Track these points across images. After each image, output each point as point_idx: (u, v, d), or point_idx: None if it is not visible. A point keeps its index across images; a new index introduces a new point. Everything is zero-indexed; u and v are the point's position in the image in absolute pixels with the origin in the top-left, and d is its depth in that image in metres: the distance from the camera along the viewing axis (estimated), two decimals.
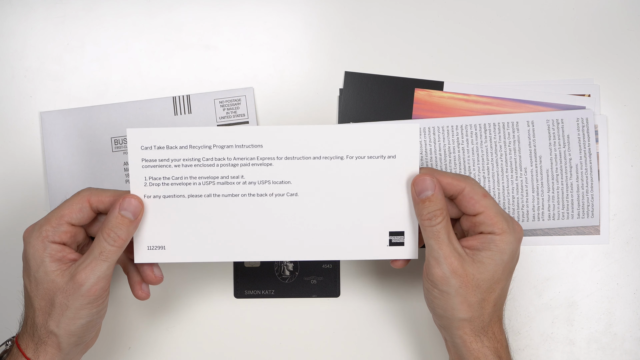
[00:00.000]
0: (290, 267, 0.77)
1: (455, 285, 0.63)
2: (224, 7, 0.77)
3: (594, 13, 0.76)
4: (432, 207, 0.64)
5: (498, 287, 0.64)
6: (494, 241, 0.64)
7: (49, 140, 0.75)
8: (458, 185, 0.64)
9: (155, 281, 0.67)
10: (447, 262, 0.63)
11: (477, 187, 0.65)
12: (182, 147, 0.64)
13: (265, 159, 0.65)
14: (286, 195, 0.65)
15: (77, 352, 0.65)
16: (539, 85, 0.76)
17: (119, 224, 0.63)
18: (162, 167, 0.65)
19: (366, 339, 0.76)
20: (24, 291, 0.65)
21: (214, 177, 0.65)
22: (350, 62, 0.76)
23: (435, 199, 0.64)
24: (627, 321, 0.76)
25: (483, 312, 0.64)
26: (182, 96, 0.76)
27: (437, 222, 0.63)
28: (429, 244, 0.64)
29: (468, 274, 0.63)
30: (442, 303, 0.64)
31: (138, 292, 0.68)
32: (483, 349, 0.64)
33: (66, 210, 0.63)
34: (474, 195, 0.64)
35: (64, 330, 0.62)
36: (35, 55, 0.76)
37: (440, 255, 0.63)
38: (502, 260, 0.64)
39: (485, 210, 0.64)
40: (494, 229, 0.64)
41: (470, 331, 0.64)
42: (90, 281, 0.62)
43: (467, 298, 0.63)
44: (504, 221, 0.64)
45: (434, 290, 0.64)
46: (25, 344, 0.63)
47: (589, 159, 0.75)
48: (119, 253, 0.63)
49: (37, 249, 0.63)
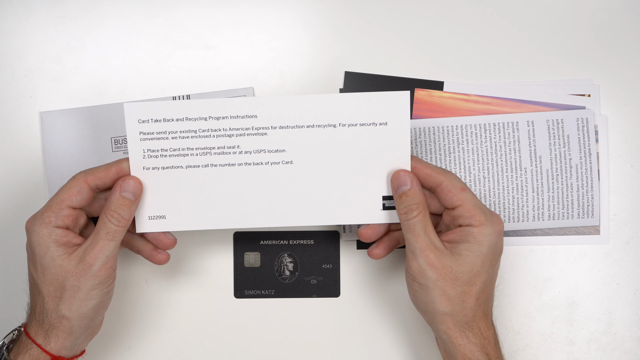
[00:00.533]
0: (290, 267, 0.77)
1: (432, 277, 0.64)
2: (224, 7, 0.77)
3: (594, 13, 0.76)
4: (408, 202, 0.65)
5: (479, 280, 0.65)
6: (472, 233, 0.65)
7: (49, 140, 0.75)
8: (437, 177, 0.66)
9: (170, 244, 0.69)
10: (423, 254, 0.64)
11: (456, 180, 0.66)
12: (178, 120, 0.66)
13: (260, 128, 0.66)
14: (281, 163, 0.67)
15: (85, 338, 0.67)
16: (539, 85, 0.76)
17: (121, 204, 0.65)
18: (159, 140, 0.66)
19: (366, 339, 0.76)
20: (30, 280, 0.66)
21: (211, 147, 0.67)
22: (350, 62, 0.76)
23: (411, 193, 0.65)
24: (627, 321, 0.76)
25: (465, 306, 0.65)
26: (182, 96, 0.76)
27: (412, 215, 0.65)
28: (406, 237, 0.65)
29: (445, 266, 0.64)
30: (422, 297, 0.65)
31: (157, 257, 0.69)
32: (469, 345, 0.65)
33: (65, 195, 0.65)
34: (452, 188, 0.65)
35: (76, 312, 0.64)
36: (35, 55, 0.76)
37: (416, 248, 0.64)
38: (480, 252, 0.64)
39: (462, 203, 0.65)
40: (471, 221, 0.65)
41: (453, 326, 0.65)
42: (100, 261, 0.64)
43: (445, 291, 0.64)
44: (481, 213, 0.65)
45: (414, 283, 0.65)
46: (35, 332, 0.64)
47: (589, 159, 0.75)
48: (124, 232, 0.65)
49: (41, 236, 0.64)
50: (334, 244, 0.77)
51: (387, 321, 0.76)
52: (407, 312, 0.76)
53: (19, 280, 0.74)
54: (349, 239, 0.76)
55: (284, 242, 0.77)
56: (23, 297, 0.70)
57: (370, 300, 0.76)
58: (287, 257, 0.77)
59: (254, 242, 0.77)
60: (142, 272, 0.76)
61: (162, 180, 0.67)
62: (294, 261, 0.77)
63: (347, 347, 0.76)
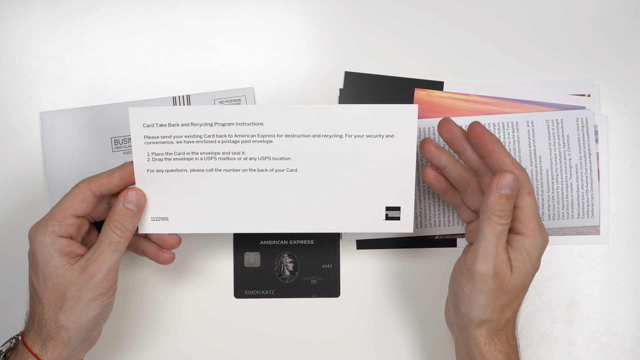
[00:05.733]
0: (290, 267, 0.77)
1: (491, 286, 0.63)
2: (224, 7, 0.77)
3: (594, 13, 0.76)
4: (507, 207, 0.63)
5: (522, 294, 0.65)
6: (524, 245, 0.63)
7: (49, 140, 0.75)
8: (511, 169, 0.64)
9: (175, 243, 0.69)
10: (496, 262, 0.63)
11: (527, 182, 0.64)
12: (183, 125, 0.66)
13: (265, 136, 0.66)
14: (286, 170, 0.67)
15: (83, 349, 0.66)
16: (539, 85, 0.76)
17: (124, 215, 0.65)
18: (164, 144, 0.66)
19: (366, 339, 0.76)
20: (30, 288, 0.66)
21: (215, 152, 0.66)
22: (350, 62, 0.76)
23: (512, 199, 0.63)
24: (627, 321, 0.76)
25: (502, 316, 0.64)
26: (182, 96, 0.76)
27: (505, 221, 0.63)
28: (486, 238, 0.63)
29: (505, 279, 0.63)
30: (469, 300, 0.64)
31: (162, 257, 0.70)
32: (495, 352, 0.65)
33: (69, 203, 0.65)
34: (520, 188, 0.64)
35: (75, 323, 0.63)
36: (35, 55, 0.76)
37: (492, 254, 0.63)
38: (531, 264, 0.64)
39: (524, 206, 0.64)
40: (524, 229, 0.64)
41: (486, 332, 0.65)
42: (103, 272, 0.64)
43: (495, 301, 0.63)
44: (536, 223, 0.64)
45: (468, 285, 0.64)
46: (32, 341, 0.64)
47: (589, 159, 0.75)
48: (127, 243, 0.65)
49: (45, 245, 0.64)
50: (334, 244, 0.77)
51: (387, 321, 0.76)
52: (407, 312, 0.76)
53: (19, 280, 0.74)
54: (349, 239, 0.77)
55: (284, 242, 0.77)
56: (22, 304, 0.70)
57: (370, 300, 0.76)
58: (287, 257, 0.77)
59: (254, 242, 0.77)
60: (142, 272, 0.76)
61: (165, 183, 0.67)
62: (294, 261, 0.77)
63: (347, 347, 0.76)
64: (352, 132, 0.66)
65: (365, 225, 0.68)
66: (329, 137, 0.66)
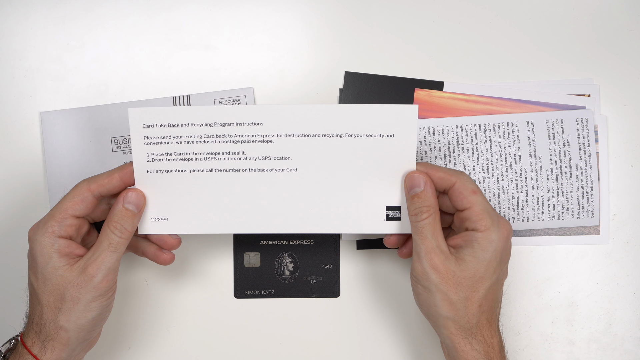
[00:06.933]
0: (290, 267, 0.77)
1: (435, 281, 0.64)
2: (224, 7, 0.77)
3: (594, 13, 0.76)
4: (419, 204, 0.65)
5: (481, 286, 0.64)
6: (476, 239, 0.64)
7: (49, 140, 0.75)
8: (449, 179, 0.66)
9: (175, 244, 0.69)
10: (427, 257, 0.64)
11: (468, 182, 0.66)
12: (183, 125, 0.66)
13: (265, 136, 0.66)
14: (286, 170, 0.67)
15: (82, 350, 0.66)
16: (538, 85, 0.76)
17: (124, 216, 0.65)
18: (164, 144, 0.66)
19: (366, 339, 0.76)
20: (29, 289, 0.66)
21: (215, 153, 0.66)
22: (350, 62, 0.76)
23: (423, 195, 0.65)
24: (627, 321, 0.76)
25: (467, 312, 0.64)
26: (182, 96, 0.76)
27: (422, 218, 0.65)
28: (414, 239, 0.65)
29: (448, 270, 0.64)
30: (425, 299, 0.65)
31: (162, 257, 0.70)
32: (472, 351, 0.65)
33: (68, 204, 0.65)
34: (463, 190, 0.65)
35: (74, 324, 0.63)
36: (35, 55, 0.76)
37: (422, 250, 0.65)
38: (483, 258, 0.64)
39: (472, 206, 0.65)
40: (477, 226, 0.64)
41: (456, 331, 0.65)
42: (102, 273, 0.64)
43: (447, 295, 0.64)
44: (488, 218, 0.65)
45: (418, 286, 0.66)
46: (31, 342, 0.64)
47: (589, 159, 0.75)
48: (126, 244, 0.65)
49: (44, 246, 0.64)
50: (334, 244, 0.77)
51: (387, 321, 0.76)
52: (407, 312, 0.76)
53: (19, 280, 0.74)
54: (349, 239, 0.76)
55: (284, 242, 0.77)
56: (22, 305, 0.70)
57: (370, 300, 0.76)
58: (287, 257, 0.77)
59: (254, 242, 0.77)
60: (142, 273, 0.76)
61: (165, 183, 0.67)
62: (294, 261, 0.77)
63: (347, 347, 0.76)
64: (352, 132, 0.66)
65: (366, 225, 0.68)
66: (329, 137, 0.66)
